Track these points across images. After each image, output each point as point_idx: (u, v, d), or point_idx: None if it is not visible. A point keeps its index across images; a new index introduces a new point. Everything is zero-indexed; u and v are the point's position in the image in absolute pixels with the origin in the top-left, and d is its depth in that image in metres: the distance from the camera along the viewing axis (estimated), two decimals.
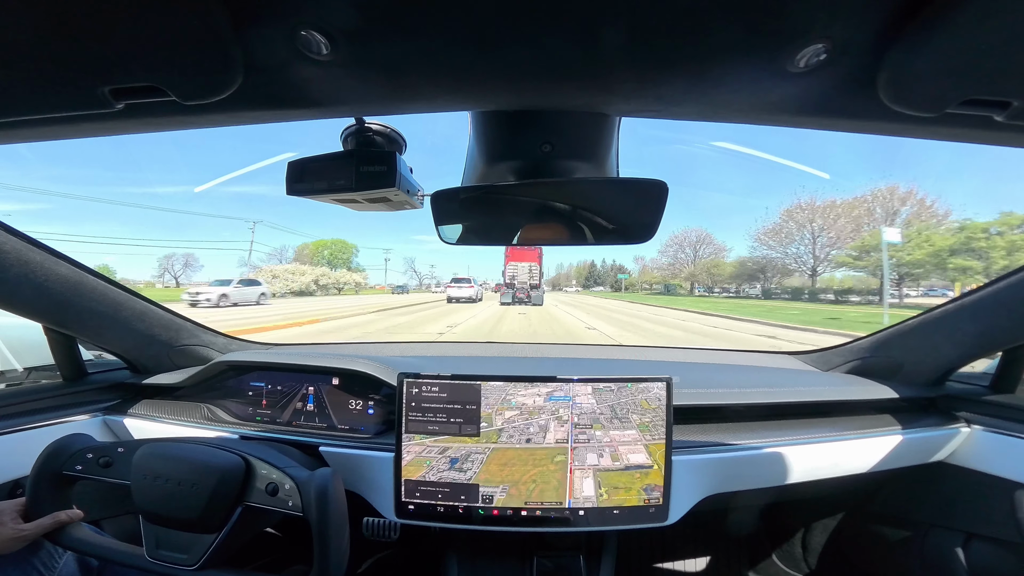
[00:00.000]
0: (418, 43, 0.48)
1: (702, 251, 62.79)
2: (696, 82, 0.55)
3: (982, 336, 1.17)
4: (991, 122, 0.52)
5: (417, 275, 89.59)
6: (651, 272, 73.91)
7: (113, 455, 0.92)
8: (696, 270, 59.25)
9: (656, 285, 67.72)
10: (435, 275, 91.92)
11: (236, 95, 0.52)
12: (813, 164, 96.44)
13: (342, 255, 67.37)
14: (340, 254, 67.47)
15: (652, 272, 73.62)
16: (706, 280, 56.66)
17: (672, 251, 64.85)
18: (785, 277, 44.03)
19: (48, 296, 1.09)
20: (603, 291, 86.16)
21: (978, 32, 0.41)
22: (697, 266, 59.79)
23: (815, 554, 1.63)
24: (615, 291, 78.54)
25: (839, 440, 1.19)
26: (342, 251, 68.03)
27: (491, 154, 0.80)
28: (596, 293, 73.36)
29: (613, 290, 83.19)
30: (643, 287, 75.84)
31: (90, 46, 0.45)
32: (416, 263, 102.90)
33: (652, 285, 70.96)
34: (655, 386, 1.04)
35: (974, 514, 1.21)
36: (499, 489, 1.03)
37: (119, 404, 1.38)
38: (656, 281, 68.95)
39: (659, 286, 67.41)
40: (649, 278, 72.81)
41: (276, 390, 1.32)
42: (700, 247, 63.13)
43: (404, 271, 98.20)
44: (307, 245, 67.96)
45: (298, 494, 0.85)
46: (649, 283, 72.58)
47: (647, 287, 73.90)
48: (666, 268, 66.61)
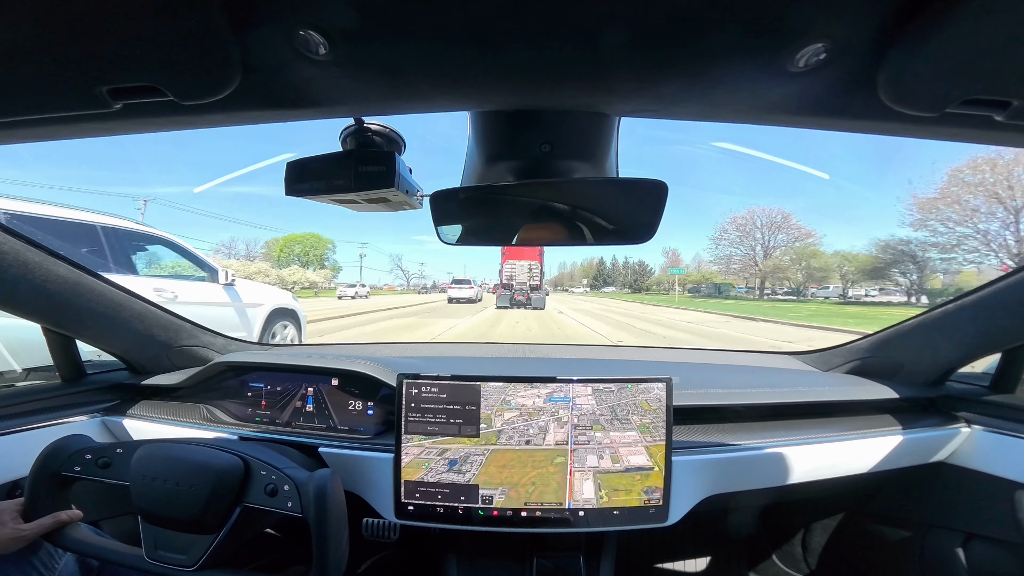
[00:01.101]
0: (417, 43, 0.48)
1: (776, 239, 47.50)
2: (695, 82, 0.55)
3: (982, 336, 1.17)
4: (991, 122, 0.52)
5: (404, 274, 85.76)
6: (705, 268, 60.92)
7: (112, 456, 0.92)
8: (779, 262, 43.39)
9: (699, 284, 57.02)
10: (425, 274, 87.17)
11: (234, 95, 0.52)
12: (813, 164, 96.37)
13: (315, 251, 61.90)
14: (313, 249, 61.88)
15: (707, 267, 62.06)
16: (797, 277, 41.80)
17: (735, 237, 48.46)
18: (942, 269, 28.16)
19: (47, 296, 1.09)
20: (615, 292, 79.42)
21: (978, 32, 0.41)
22: (775, 257, 44.47)
23: (815, 554, 1.63)
24: (635, 292, 73.38)
25: (839, 440, 1.19)
26: (314, 246, 62.10)
27: (490, 154, 0.79)
28: (610, 295, 67.84)
29: (633, 291, 76.79)
30: (677, 287, 63.49)
31: (88, 46, 0.45)
32: (403, 260, 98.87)
33: (684, 285, 61.08)
34: (655, 387, 1.04)
35: (974, 514, 1.21)
36: (498, 491, 1.03)
37: (118, 405, 1.37)
38: (697, 280, 59.70)
39: (703, 286, 56.70)
40: (699, 276, 61.64)
41: (275, 391, 1.32)
42: (774, 232, 46.76)
43: (390, 269, 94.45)
44: (277, 240, 62.85)
45: (297, 495, 0.85)
46: (686, 283, 62.38)
47: (680, 287, 62.41)
48: (728, 262, 49.60)
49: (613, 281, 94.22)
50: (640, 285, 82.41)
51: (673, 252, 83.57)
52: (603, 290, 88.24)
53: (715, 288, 49.95)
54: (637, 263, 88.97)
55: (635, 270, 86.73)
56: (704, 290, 52.45)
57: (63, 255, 1.10)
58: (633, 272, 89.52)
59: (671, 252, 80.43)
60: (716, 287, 50.04)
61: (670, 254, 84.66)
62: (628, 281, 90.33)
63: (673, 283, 64.11)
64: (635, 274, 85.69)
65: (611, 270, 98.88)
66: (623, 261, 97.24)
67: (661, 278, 75.15)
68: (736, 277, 52.03)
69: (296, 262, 59.36)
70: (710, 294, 48.13)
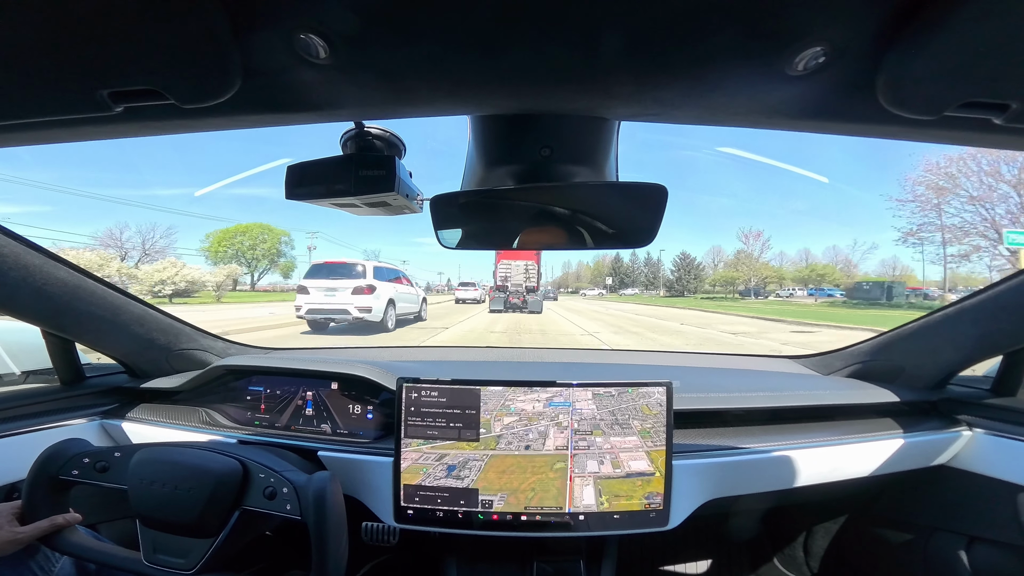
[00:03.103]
0: (417, 47, 0.48)
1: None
2: (694, 86, 0.55)
3: (983, 339, 1.17)
4: (990, 125, 0.52)
5: None
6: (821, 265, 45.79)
7: (110, 460, 0.92)
8: None
9: (811, 281, 44.06)
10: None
11: (235, 99, 0.52)
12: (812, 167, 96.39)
13: (264, 244, 49.78)
14: (261, 243, 49.68)
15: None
16: None
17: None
18: None
19: (47, 300, 1.09)
20: (639, 295, 64.34)
21: (976, 35, 0.41)
22: None
23: (817, 558, 1.62)
24: (675, 295, 55.70)
25: (840, 444, 1.19)
26: (263, 239, 49.80)
27: (490, 158, 0.80)
28: (634, 298, 51.84)
29: (672, 294, 57.96)
30: (710, 287, 53.55)
31: (89, 49, 0.45)
32: (381, 256, 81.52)
33: (727, 285, 49.23)
34: (656, 391, 1.04)
35: (977, 517, 1.20)
36: (497, 497, 1.02)
37: (117, 408, 1.37)
38: (803, 277, 45.77)
39: (820, 287, 43.13)
40: (815, 271, 45.35)
41: (275, 394, 1.32)
42: None
43: None
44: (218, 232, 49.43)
45: (296, 498, 0.84)
46: (731, 281, 49.60)
47: (711, 288, 52.23)
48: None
49: (633, 281, 75.38)
50: (686, 286, 58.83)
51: (756, 233, 53.73)
52: (623, 292, 69.35)
53: (881, 289, 31.40)
54: (679, 256, 63.18)
55: (679, 264, 62.29)
56: (860, 293, 32.96)
57: (63, 258, 1.10)
58: (649, 271, 68.95)
59: (754, 234, 53.19)
60: (884, 287, 31.50)
61: (753, 236, 53.51)
62: (649, 280, 71.95)
63: (778, 281, 48.23)
64: (679, 269, 62.07)
65: (629, 267, 79.20)
66: (644, 258, 76.09)
67: (727, 275, 52.08)
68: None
69: (239, 259, 47.92)
70: (872, 298, 30.38)
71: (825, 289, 45.19)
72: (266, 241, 50.38)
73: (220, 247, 48.59)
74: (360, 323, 9.64)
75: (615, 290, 73.96)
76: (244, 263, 49.08)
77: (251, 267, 50.16)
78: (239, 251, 49.00)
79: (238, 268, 41.41)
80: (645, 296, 60.06)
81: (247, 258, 49.61)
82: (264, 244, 50.14)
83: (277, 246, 51.20)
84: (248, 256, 49.65)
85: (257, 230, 50.04)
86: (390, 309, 10.26)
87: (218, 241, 48.82)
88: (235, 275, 38.32)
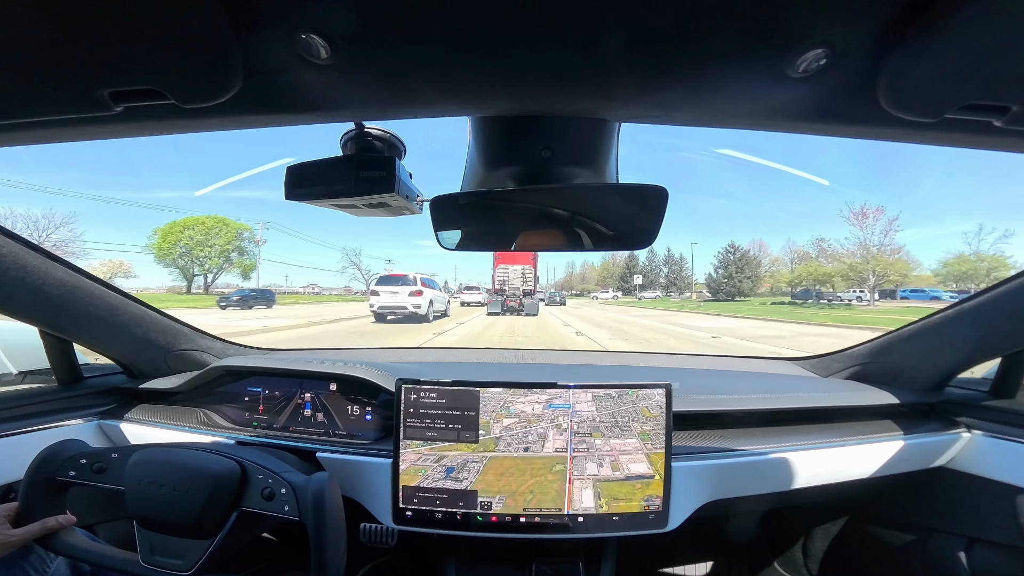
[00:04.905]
0: (418, 48, 0.48)
1: None
2: (695, 88, 0.55)
3: (981, 341, 1.17)
4: (990, 127, 0.52)
5: (363, 276, 62.04)
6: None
7: (107, 461, 0.92)
8: None
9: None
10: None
11: (236, 99, 0.52)
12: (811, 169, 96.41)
13: (218, 240, 42.33)
14: (215, 238, 42.24)
15: None
16: None
17: None
18: None
19: (45, 300, 1.08)
20: (665, 298, 54.23)
21: (977, 37, 0.41)
22: None
23: (816, 560, 1.62)
24: (728, 298, 44.65)
25: (839, 446, 1.19)
26: (217, 232, 42.14)
27: (491, 159, 0.79)
28: (667, 303, 41.86)
29: (727, 296, 45.66)
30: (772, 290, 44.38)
31: (90, 48, 0.45)
32: (362, 255, 71.60)
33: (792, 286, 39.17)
34: (655, 392, 1.03)
35: (976, 519, 1.21)
36: (496, 499, 1.02)
37: (115, 409, 1.37)
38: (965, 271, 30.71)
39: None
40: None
41: (273, 395, 1.31)
42: None
43: (341, 269, 67.29)
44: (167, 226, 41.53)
45: (294, 499, 0.84)
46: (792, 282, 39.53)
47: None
48: None
49: (652, 283, 63.32)
50: (739, 286, 46.30)
51: (876, 210, 35.23)
52: (642, 295, 56.87)
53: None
54: (726, 248, 48.99)
55: (726, 259, 48.15)
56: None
57: (61, 259, 1.09)
58: (730, 261, 47.97)
59: (874, 211, 35.43)
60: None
61: (872, 214, 35.24)
62: (670, 281, 61.37)
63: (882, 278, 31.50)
64: (730, 265, 47.65)
65: (646, 267, 66.06)
66: (663, 256, 63.42)
67: (816, 270, 37.95)
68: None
69: (185, 257, 41.27)
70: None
71: (928, 291, 35.89)
72: (221, 235, 42.73)
73: (166, 243, 41.23)
74: (411, 316, 14.50)
75: (628, 292, 62.95)
76: (196, 262, 42.43)
77: (203, 266, 43.18)
78: (188, 247, 41.76)
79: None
80: (674, 300, 49.03)
81: (195, 256, 42.21)
82: (218, 239, 42.57)
83: (235, 242, 43.74)
84: (197, 254, 42.14)
85: (211, 223, 42.64)
86: (430, 307, 15.04)
87: (163, 236, 41.28)
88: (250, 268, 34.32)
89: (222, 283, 46.05)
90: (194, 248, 42.05)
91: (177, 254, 41.95)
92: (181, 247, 41.74)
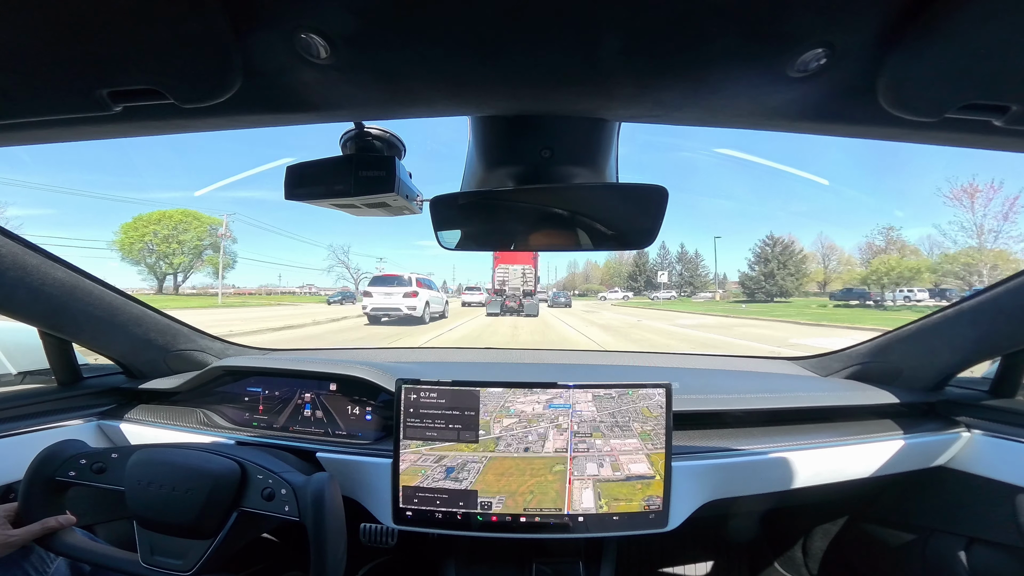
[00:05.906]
0: (418, 48, 0.48)
1: None
2: (695, 87, 0.55)
3: (981, 341, 1.17)
4: (990, 127, 0.52)
5: (351, 275, 56.18)
6: None
7: (107, 461, 0.92)
8: None
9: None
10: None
11: (235, 98, 0.51)
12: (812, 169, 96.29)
13: (184, 235, 38.43)
14: (182, 233, 38.33)
15: None
16: None
17: None
18: None
19: (44, 300, 1.08)
20: (681, 299, 48.26)
21: (977, 36, 0.41)
22: None
23: (816, 559, 1.62)
24: (767, 299, 38.01)
25: (839, 445, 1.19)
26: (186, 227, 38.37)
27: (490, 159, 0.79)
28: (687, 305, 36.49)
29: (767, 296, 38.55)
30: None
31: (88, 48, 0.44)
32: (350, 254, 65.51)
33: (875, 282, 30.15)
34: (655, 392, 1.03)
35: (975, 519, 1.21)
36: (496, 499, 1.02)
37: (114, 409, 1.37)
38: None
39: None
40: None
41: (273, 395, 1.31)
42: None
43: (327, 269, 60.45)
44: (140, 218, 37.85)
45: (294, 499, 0.84)
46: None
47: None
48: None
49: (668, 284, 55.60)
50: (780, 284, 39.31)
51: (991, 187, 27.44)
52: (655, 296, 50.25)
53: None
54: (763, 241, 42.14)
55: (764, 255, 41.11)
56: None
57: (61, 259, 1.09)
58: (768, 256, 40.61)
59: (989, 188, 29.08)
60: None
61: (985, 192, 29.06)
62: (685, 280, 55.31)
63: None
64: (771, 260, 40.44)
65: (656, 264, 58.70)
66: (676, 253, 57.57)
67: (905, 264, 30.38)
68: None
69: (149, 253, 37.71)
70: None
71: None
72: (190, 230, 38.93)
73: (129, 239, 37.54)
74: (406, 317, 13.72)
75: (638, 292, 57.20)
76: (163, 259, 38.93)
77: (170, 264, 39.67)
78: (153, 243, 38.35)
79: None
80: (694, 302, 42.02)
81: (162, 252, 38.55)
82: (186, 235, 38.68)
83: (207, 238, 40.04)
84: (163, 250, 38.46)
85: (179, 216, 39.06)
86: (426, 308, 14.24)
87: (126, 232, 37.51)
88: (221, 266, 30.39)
89: (199, 283, 43.38)
90: (160, 244, 38.72)
91: (141, 251, 38.86)
92: (147, 243, 38.62)
